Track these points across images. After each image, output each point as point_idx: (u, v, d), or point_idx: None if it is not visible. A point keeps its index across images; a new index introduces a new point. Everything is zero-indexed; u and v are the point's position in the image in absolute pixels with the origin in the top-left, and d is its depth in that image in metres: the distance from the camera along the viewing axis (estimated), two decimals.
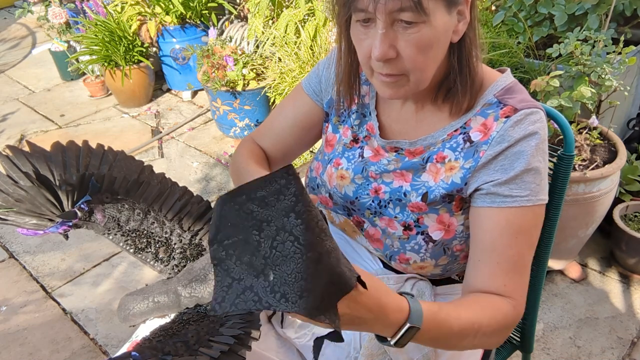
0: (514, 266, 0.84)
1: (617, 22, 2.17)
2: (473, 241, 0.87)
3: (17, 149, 1.02)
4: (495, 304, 0.82)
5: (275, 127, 1.10)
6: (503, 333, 0.84)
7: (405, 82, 0.82)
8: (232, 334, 0.79)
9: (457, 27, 0.80)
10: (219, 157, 3.02)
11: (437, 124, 0.90)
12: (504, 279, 0.83)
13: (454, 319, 0.76)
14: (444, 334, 0.76)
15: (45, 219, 0.96)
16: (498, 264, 0.83)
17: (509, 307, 0.82)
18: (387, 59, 0.79)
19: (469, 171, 0.85)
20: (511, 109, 0.84)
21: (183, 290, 0.93)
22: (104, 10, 3.39)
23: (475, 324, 0.78)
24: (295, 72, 2.67)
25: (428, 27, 0.76)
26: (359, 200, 0.96)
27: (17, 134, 3.41)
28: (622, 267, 2.08)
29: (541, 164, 0.83)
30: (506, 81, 0.88)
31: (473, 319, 0.78)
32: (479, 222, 0.86)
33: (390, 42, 0.78)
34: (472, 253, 0.87)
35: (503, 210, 0.83)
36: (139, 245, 0.99)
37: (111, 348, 1.90)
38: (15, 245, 2.44)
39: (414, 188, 0.90)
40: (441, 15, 0.76)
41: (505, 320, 0.82)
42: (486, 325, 0.79)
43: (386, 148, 0.94)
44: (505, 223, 0.83)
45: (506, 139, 0.82)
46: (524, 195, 0.82)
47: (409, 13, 0.74)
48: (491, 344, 0.84)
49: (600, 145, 1.90)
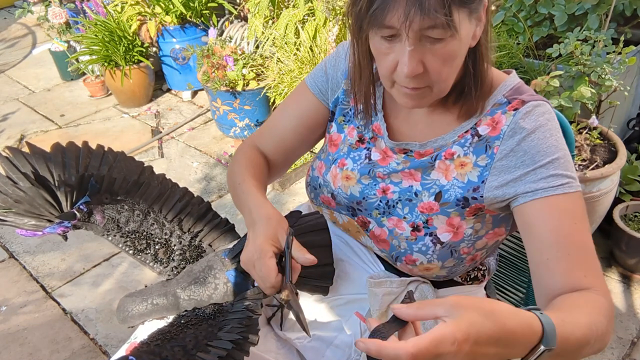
0: (586, 253, 0.78)
1: (617, 22, 2.17)
2: (532, 243, 0.81)
3: (17, 150, 1.02)
4: (594, 300, 0.74)
5: (278, 127, 1.06)
6: (610, 329, 0.73)
7: (429, 92, 0.82)
8: (230, 338, 0.79)
9: (475, 32, 0.79)
10: (219, 157, 3.01)
11: (448, 126, 0.90)
12: (582, 269, 0.77)
13: (577, 327, 0.67)
14: (570, 348, 0.65)
15: (44, 219, 0.96)
16: (569, 255, 0.77)
17: (603, 299, 0.75)
18: (418, 73, 0.77)
19: (486, 169, 0.84)
20: (519, 102, 0.84)
21: (182, 292, 0.92)
22: (104, 10, 3.39)
23: (592, 326, 0.69)
24: (294, 72, 2.67)
25: (455, 40, 0.75)
26: (366, 201, 0.95)
27: (17, 134, 3.41)
28: (622, 267, 2.08)
29: (566, 152, 0.82)
30: (514, 82, 0.88)
31: (590, 322, 0.69)
32: (530, 219, 0.81)
33: (418, 58, 0.76)
34: (535, 256, 0.81)
35: (550, 199, 0.79)
36: (139, 246, 0.99)
37: (111, 348, 1.90)
38: (15, 245, 2.44)
39: (425, 187, 0.89)
40: (465, 25, 0.76)
41: (609, 313, 0.73)
42: (600, 324, 0.70)
43: (395, 150, 0.93)
44: (559, 211, 0.79)
45: (518, 131, 0.82)
46: (565, 183, 0.79)
47: (439, 30, 0.73)
48: (601, 347, 0.73)
49: (600, 145, 1.90)
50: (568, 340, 0.64)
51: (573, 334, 0.65)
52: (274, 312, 1.08)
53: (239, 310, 0.87)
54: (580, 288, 0.76)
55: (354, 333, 0.97)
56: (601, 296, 0.75)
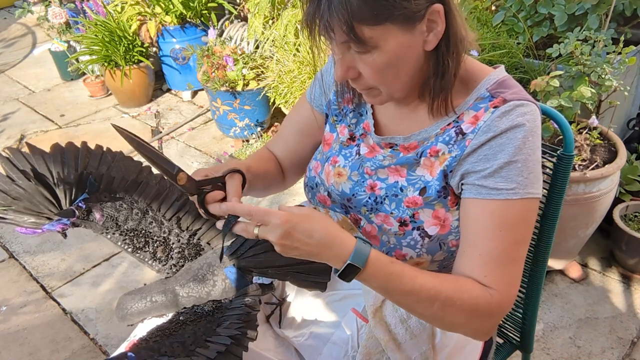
0: (496, 259, 0.83)
1: (617, 22, 2.17)
2: (461, 232, 0.87)
3: (17, 150, 1.03)
4: (467, 285, 0.82)
5: (283, 135, 1.15)
6: (473, 317, 0.82)
7: (378, 93, 0.86)
8: (229, 334, 0.79)
9: (427, 38, 0.80)
10: (219, 157, 3.02)
11: (430, 120, 0.90)
12: (484, 270, 0.83)
13: (409, 277, 0.79)
14: (394, 287, 0.79)
15: (43, 217, 0.97)
16: (480, 256, 0.83)
17: (485, 295, 0.82)
18: (352, 78, 0.84)
19: (455, 159, 0.85)
20: (501, 100, 0.84)
21: (181, 290, 0.93)
22: (104, 10, 3.39)
23: (432, 290, 0.79)
24: (294, 72, 2.67)
25: (380, 52, 0.78)
26: (355, 198, 0.96)
27: (17, 134, 3.41)
28: (622, 267, 2.08)
29: (530, 157, 0.82)
30: (499, 75, 0.88)
31: (431, 285, 0.80)
32: (465, 213, 0.86)
33: (348, 65, 0.82)
34: (460, 243, 0.88)
35: (488, 203, 0.82)
36: (137, 244, 0.99)
37: (111, 348, 1.90)
38: (15, 245, 2.45)
39: (410, 183, 0.90)
40: (395, 38, 0.77)
41: (475, 303, 0.81)
42: (447, 298, 0.80)
43: (381, 144, 0.95)
44: (489, 216, 0.83)
45: (492, 128, 0.82)
46: (510, 188, 0.81)
47: (355, 44, 0.77)
48: (459, 323, 0.83)
49: (600, 145, 1.90)
50: (390, 277, 0.78)
51: (399, 277, 0.78)
52: (272, 310, 1.09)
53: (238, 306, 0.88)
54: (478, 282, 0.83)
55: (351, 330, 0.98)
56: (486, 294, 0.82)
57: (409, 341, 0.91)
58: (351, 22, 0.74)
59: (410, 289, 0.79)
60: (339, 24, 0.75)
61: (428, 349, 0.94)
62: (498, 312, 0.84)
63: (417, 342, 0.92)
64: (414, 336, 0.92)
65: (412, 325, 0.92)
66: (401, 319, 0.91)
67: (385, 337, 0.91)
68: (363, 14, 0.74)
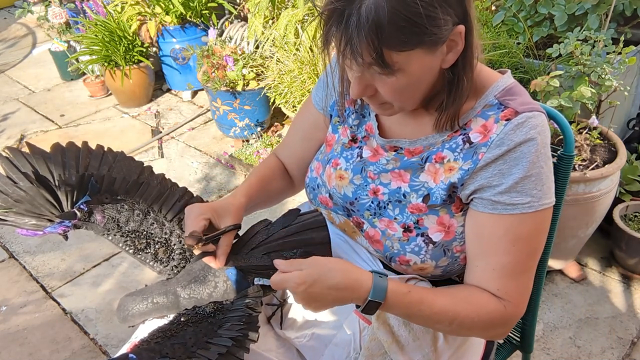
0: (510, 272, 0.85)
1: (617, 22, 2.17)
2: (471, 243, 0.88)
3: (17, 150, 1.02)
4: (482, 300, 0.85)
5: (289, 139, 1.16)
6: (489, 329, 0.86)
7: (390, 106, 0.86)
8: (230, 335, 0.79)
9: (446, 57, 0.80)
10: (219, 157, 3.02)
11: (433, 130, 0.90)
12: (498, 283, 0.85)
13: (427, 304, 0.82)
14: (415, 315, 0.83)
15: (44, 219, 0.96)
16: (494, 270, 0.85)
17: (499, 307, 0.85)
18: (368, 96, 0.83)
19: (467, 173, 0.85)
20: (512, 112, 0.83)
21: (182, 291, 0.93)
22: (104, 10, 3.39)
23: (450, 312, 0.83)
24: (294, 72, 2.67)
25: (402, 74, 0.77)
26: (358, 201, 0.96)
27: (17, 134, 3.41)
28: (622, 267, 2.08)
29: (543, 169, 0.82)
30: (507, 82, 0.87)
31: (449, 307, 0.83)
32: (478, 227, 0.86)
33: (366, 84, 0.82)
34: (469, 255, 0.88)
35: (503, 218, 0.83)
36: (139, 245, 0.99)
37: (111, 348, 1.90)
38: (15, 245, 2.45)
39: (413, 189, 0.90)
40: (418, 60, 0.77)
41: (490, 317, 0.84)
42: (464, 317, 0.83)
43: (385, 147, 0.94)
44: (503, 231, 0.83)
45: (506, 142, 0.82)
46: (525, 202, 0.82)
47: (377, 68, 0.76)
48: (475, 334, 0.88)
49: (600, 145, 1.90)
50: (410, 307, 0.82)
51: (418, 305, 0.82)
52: (273, 311, 1.09)
53: (239, 308, 0.88)
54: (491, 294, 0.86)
55: (354, 331, 0.98)
56: (500, 305, 0.85)
57: (411, 343, 0.91)
58: (381, 48, 0.73)
59: (429, 314, 0.83)
60: (367, 50, 0.74)
61: (431, 351, 0.94)
62: (512, 320, 0.87)
63: (420, 345, 0.92)
64: (417, 338, 0.92)
65: (415, 328, 0.92)
66: (404, 321, 0.91)
67: (388, 339, 0.91)
68: (393, 40, 0.73)
